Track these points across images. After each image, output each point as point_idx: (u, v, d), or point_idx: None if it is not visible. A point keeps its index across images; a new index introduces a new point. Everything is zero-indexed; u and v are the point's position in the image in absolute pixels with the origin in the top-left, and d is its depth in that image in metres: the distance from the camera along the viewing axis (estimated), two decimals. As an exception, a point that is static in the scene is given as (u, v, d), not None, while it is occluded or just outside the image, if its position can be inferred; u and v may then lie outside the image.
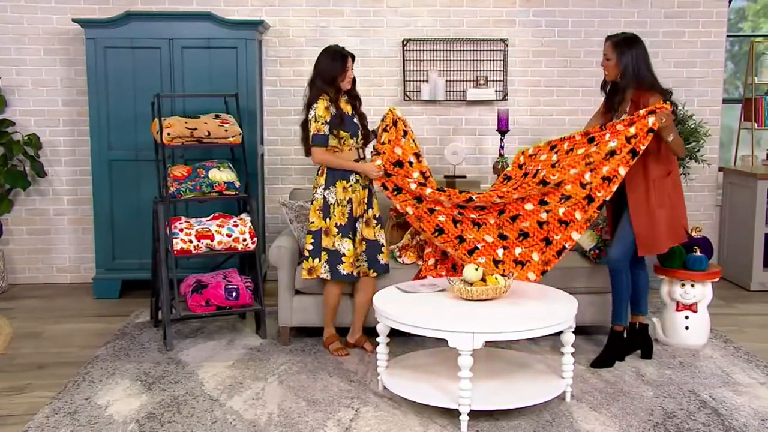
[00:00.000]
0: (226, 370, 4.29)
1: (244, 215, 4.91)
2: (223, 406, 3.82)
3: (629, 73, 4.17)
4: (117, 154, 5.74)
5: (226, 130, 4.95)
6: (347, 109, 4.50)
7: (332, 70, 4.40)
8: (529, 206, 4.37)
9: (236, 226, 4.79)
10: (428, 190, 4.53)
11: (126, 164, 5.74)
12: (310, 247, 4.46)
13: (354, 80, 4.52)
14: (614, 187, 4.15)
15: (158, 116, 4.82)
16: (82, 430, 3.56)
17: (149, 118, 5.33)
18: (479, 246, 4.47)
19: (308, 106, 4.44)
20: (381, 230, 4.62)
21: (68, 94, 6.17)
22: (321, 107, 4.37)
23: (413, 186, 4.55)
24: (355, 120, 4.53)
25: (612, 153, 4.14)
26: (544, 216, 4.32)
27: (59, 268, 6.33)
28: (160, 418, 3.67)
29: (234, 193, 4.94)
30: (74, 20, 5.70)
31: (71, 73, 6.14)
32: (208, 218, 4.86)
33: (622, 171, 4.13)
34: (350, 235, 4.45)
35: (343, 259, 4.42)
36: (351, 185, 4.47)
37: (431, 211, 4.58)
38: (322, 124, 4.36)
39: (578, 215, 4.22)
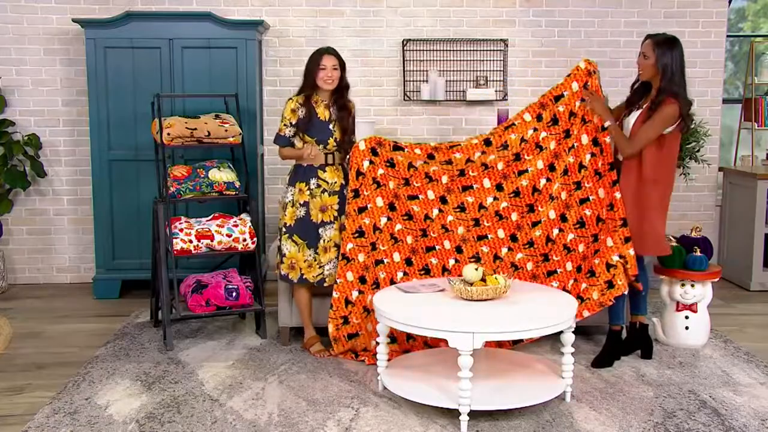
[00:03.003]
0: (226, 370, 4.29)
1: (244, 215, 4.91)
2: (223, 406, 3.81)
3: (668, 75, 4.14)
4: (117, 154, 5.74)
5: (226, 130, 4.95)
6: (324, 114, 4.45)
7: (309, 67, 4.41)
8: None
9: (236, 226, 4.79)
10: (433, 168, 4.49)
11: (126, 164, 5.74)
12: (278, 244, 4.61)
13: (345, 86, 4.46)
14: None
15: (158, 116, 4.82)
16: (82, 430, 3.56)
17: (149, 118, 5.33)
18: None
19: None
20: None
21: (68, 94, 6.17)
22: (288, 108, 4.41)
23: (419, 163, 4.46)
24: (331, 127, 4.45)
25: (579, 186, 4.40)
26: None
27: (59, 268, 6.33)
28: (160, 418, 3.67)
29: (234, 193, 4.94)
30: (74, 20, 5.70)
31: (71, 73, 6.14)
32: (208, 218, 4.86)
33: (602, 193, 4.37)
34: (294, 238, 4.46)
35: (284, 259, 4.47)
36: (310, 189, 4.45)
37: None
38: (285, 125, 4.41)
39: (595, 295, 4.30)
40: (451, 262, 4.48)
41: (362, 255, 4.42)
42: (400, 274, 4.43)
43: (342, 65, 4.45)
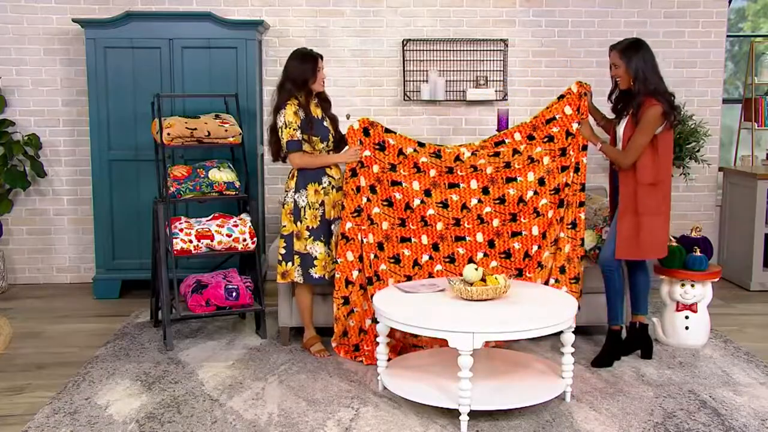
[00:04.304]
0: (226, 370, 4.29)
1: (244, 215, 4.91)
2: (223, 406, 3.82)
3: (641, 77, 4.15)
4: (117, 154, 5.74)
5: (226, 130, 4.95)
6: (317, 112, 4.48)
7: (303, 72, 4.39)
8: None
9: (236, 226, 4.79)
10: (422, 158, 4.44)
11: (126, 164, 5.74)
12: (283, 251, 4.48)
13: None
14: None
15: (158, 116, 4.82)
16: (82, 430, 3.56)
17: (149, 118, 5.34)
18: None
19: (276, 110, 4.43)
20: None
21: (68, 94, 6.17)
22: (290, 113, 4.37)
23: (409, 149, 4.44)
24: (325, 123, 4.50)
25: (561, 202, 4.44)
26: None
27: (59, 268, 6.33)
28: (160, 418, 3.67)
29: (234, 193, 4.94)
30: (74, 20, 5.70)
31: (71, 73, 6.14)
32: (208, 218, 4.86)
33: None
34: (322, 239, 4.46)
35: (315, 262, 4.45)
36: (324, 188, 4.47)
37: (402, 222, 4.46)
38: (294, 129, 4.37)
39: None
40: (425, 258, 4.45)
41: (360, 234, 4.43)
42: (371, 256, 4.43)
43: None
